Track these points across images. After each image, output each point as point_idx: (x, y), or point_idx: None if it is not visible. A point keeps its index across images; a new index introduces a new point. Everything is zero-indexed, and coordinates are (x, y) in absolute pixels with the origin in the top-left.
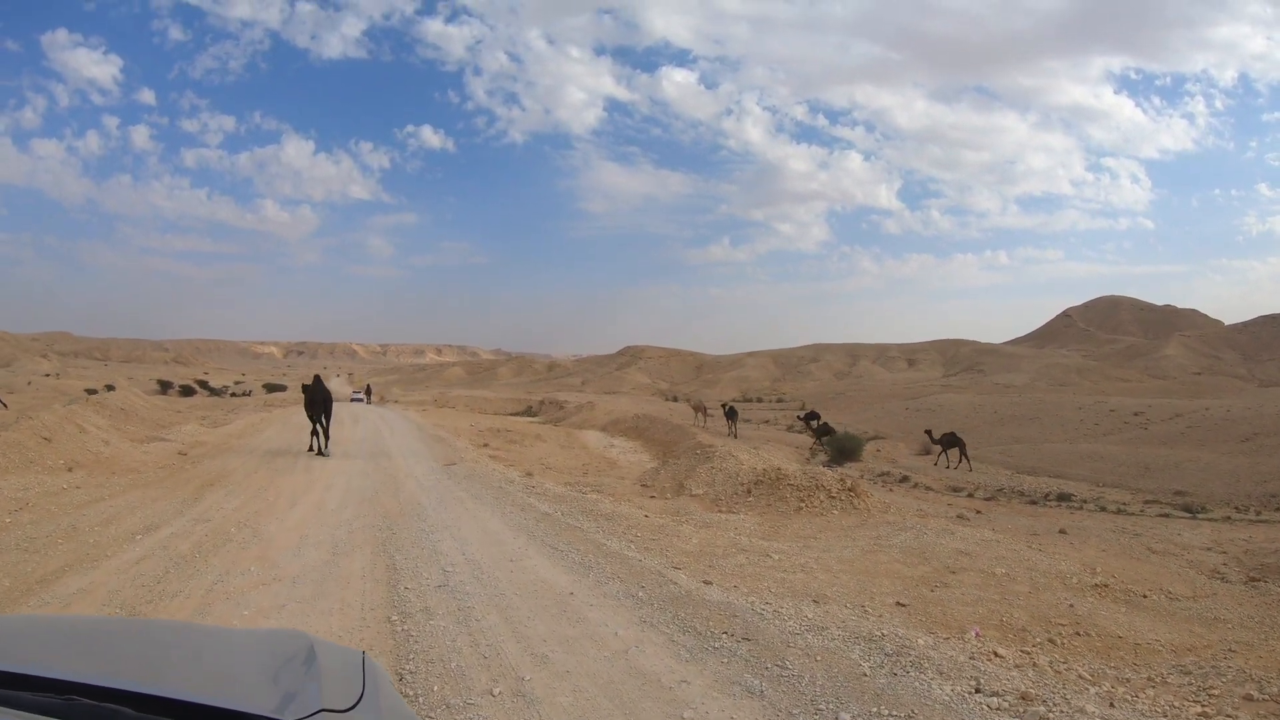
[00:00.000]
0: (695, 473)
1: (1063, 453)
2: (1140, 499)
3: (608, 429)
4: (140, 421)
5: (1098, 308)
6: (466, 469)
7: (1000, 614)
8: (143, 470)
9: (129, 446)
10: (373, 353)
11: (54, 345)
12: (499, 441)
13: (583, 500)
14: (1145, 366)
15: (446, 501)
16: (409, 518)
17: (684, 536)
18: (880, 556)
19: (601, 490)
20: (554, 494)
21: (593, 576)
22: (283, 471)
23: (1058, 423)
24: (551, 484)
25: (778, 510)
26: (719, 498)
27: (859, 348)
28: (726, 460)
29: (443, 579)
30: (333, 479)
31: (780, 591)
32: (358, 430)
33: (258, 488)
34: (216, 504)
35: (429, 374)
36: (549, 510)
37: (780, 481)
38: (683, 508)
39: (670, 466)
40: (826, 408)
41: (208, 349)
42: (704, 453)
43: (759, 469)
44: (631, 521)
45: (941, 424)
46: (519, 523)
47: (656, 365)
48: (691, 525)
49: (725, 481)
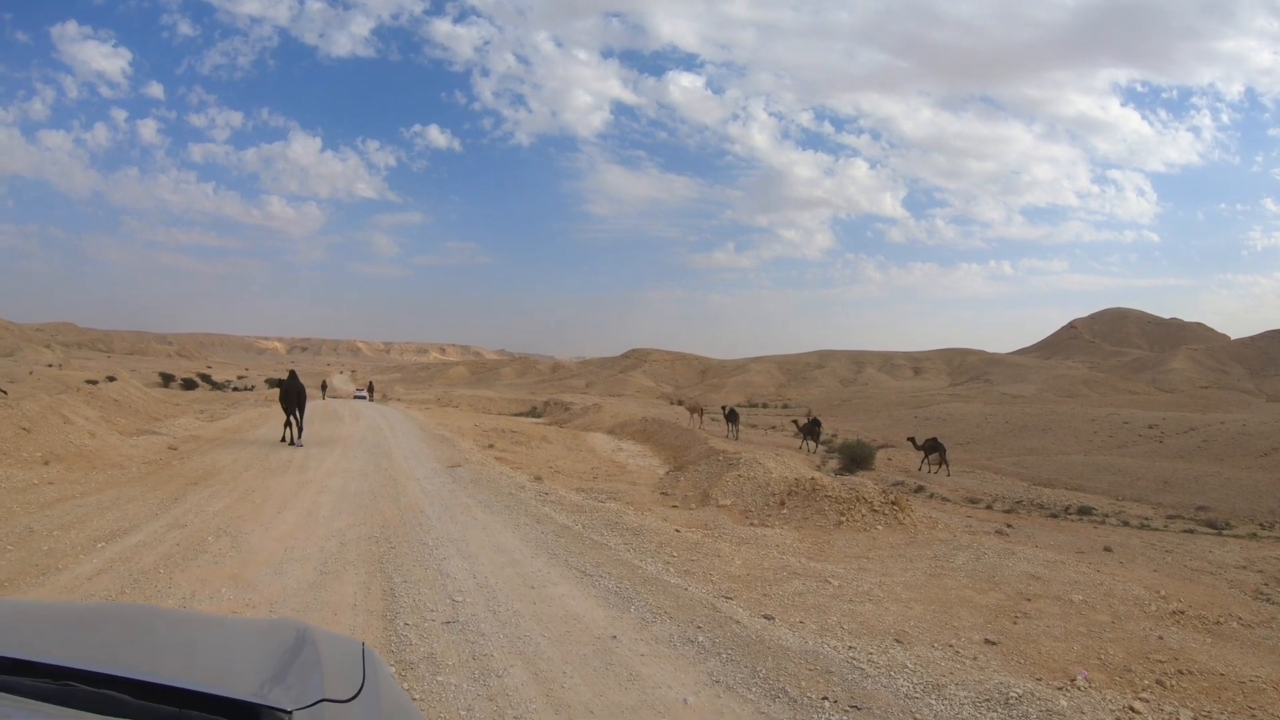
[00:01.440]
0: (720, 481)
1: (1079, 465)
2: (1162, 514)
3: (615, 432)
4: (134, 414)
5: (1104, 320)
6: (472, 472)
7: (1095, 651)
8: (126, 465)
9: (116, 439)
10: (376, 350)
11: (58, 336)
12: (504, 443)
13: (602, 510)
14: (1152, 379)
15: (452, 509)
16: (410, 528)
17: (724, 556)
18: (946, 581)
19: (619, 498)
20: (570, 503)
21: (634, 611)
22: (275, 470)
23: (1071, 434)
24: (564, 490)
25: (816, 524)
26: (749, 509)
27: (864, 355)
28: (753, 468)
29: (451, 612)
30: (328, 480)
31: (855, 628)
32: (358, 428)
33: (246, 488)
34: (197, 506)
35: (432, 373)
36: (568, 522)
37: (817, 493)
38: (711, 520)
39: (690, 473)
40: (832, 415)
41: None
42: (727, 459)
43: (790, 478)
44: (662, 537)
45: (953, 434)
46: (536, 537)
47: (661, 369)
48: (728, 542)
49: (754, 491)
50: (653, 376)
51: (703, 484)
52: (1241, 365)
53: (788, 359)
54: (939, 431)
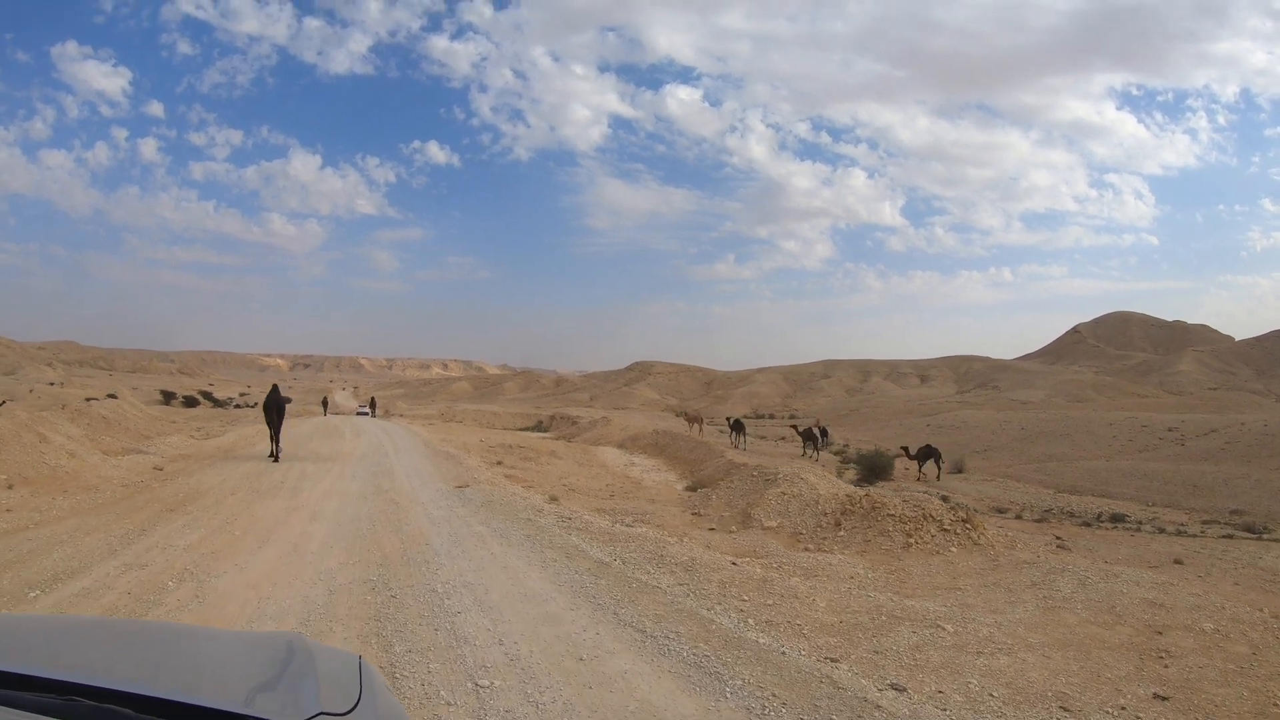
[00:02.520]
0: (762, 500)
1: (1102, 470)
2: (1197, 519)
3: (625, 446)
4: (124, 432)
5: (1108, 324)
6: (482, 493)
7: (1264, 696)
8: (102, 488)
9: (98, 459)
10: (379, 366)
11: (60, 354)
12: (513, 459)
13: (638, 539)
14: (1160, 382)
15: (463, 540)
16: (415, 567)
17: (802, 597)
18: (1065, 616)
19: (648, 520)
20: (598, 530)
21: (732, 696)
22: (265, 493)
23: (1090, 439)
24: (586, 513)
25: (881, 548)
26: (799, 531)
27: (870, 364)
28: (796, 484)
29: (476, 702)
30: (322, 505)
31: (1005, 694)
32: (359, 444)
33: (228, 515)
34: (166, 539)
35: (435, 388)
36: (603, 556)
37: (877, 511)
38: (760, 546)
39: (722, 491)
40: (840, 424)
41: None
42: (763, 474)
43: (841, 495)
44: (721, 574)
45: (968, 441)
46: (570, 578)
47: (666, 381)
48: (795, 574)
49: (802, 511)
50: (657, 389)
51: (738, 502)
52: (1248, 366)
53: (792, 369)
54: (954, 440)
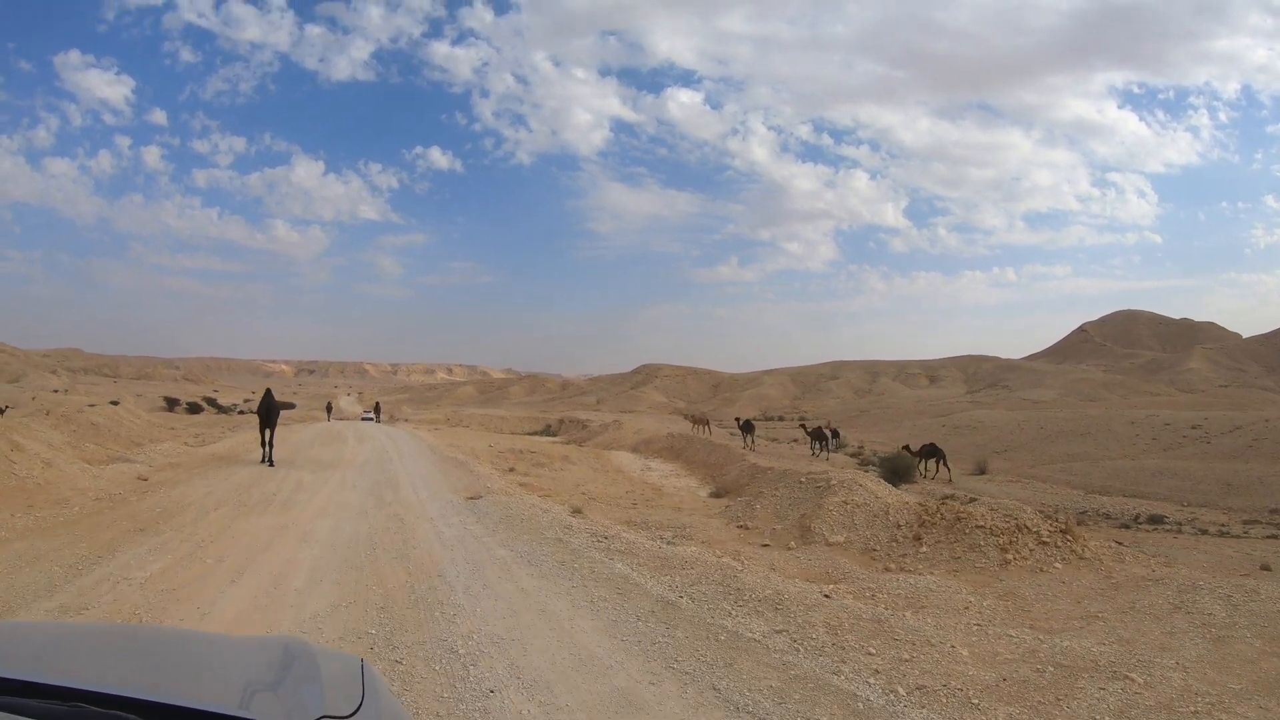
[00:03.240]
0: (821, 511)
1: (1130, 470)
2: (1236, 519)
3: (639, 450)
4: (114, 439)
5: (1114, 322)
6: (498, 505)
7: None
8: (73, 502)
9: (78, 469)
10: (383, 372)
11: (65, 361)
12: (525, 465)
13: (693, 562)
14: (1170, 380)
15: (484, 570)
16: (426, 611)
17: (936, 643)
18: (1240, 649)
19: (687, 533)
20: (644, 552)
21: None
22: (253, 508)
23: (1113, 438)
24: (621, 528)
25: (975, 566)
26: (872, 547)
27: (878, 364)
28: (856, 492)
29: None
30: (315, 523)
31: None
32: (362, 451)
33: (205, 536)
34: (125, 568)
35: (440, 393)
36: (663, 591)
37: (963, 522)
38: (834, 566)
39: (767, 500)
40: (852, 426)
41: (219, 367)
42: (813, 481)
43: (914, 504)
44: (823, 613)
45: (987, 442)
46: (633, 629)
47: (672, 384)
48: (903, 607)
49: (870, 522)
50: (664, 392)
51: (789, 513)
52: (1258, 363)
53: (800, 371)
54: (971, 440)
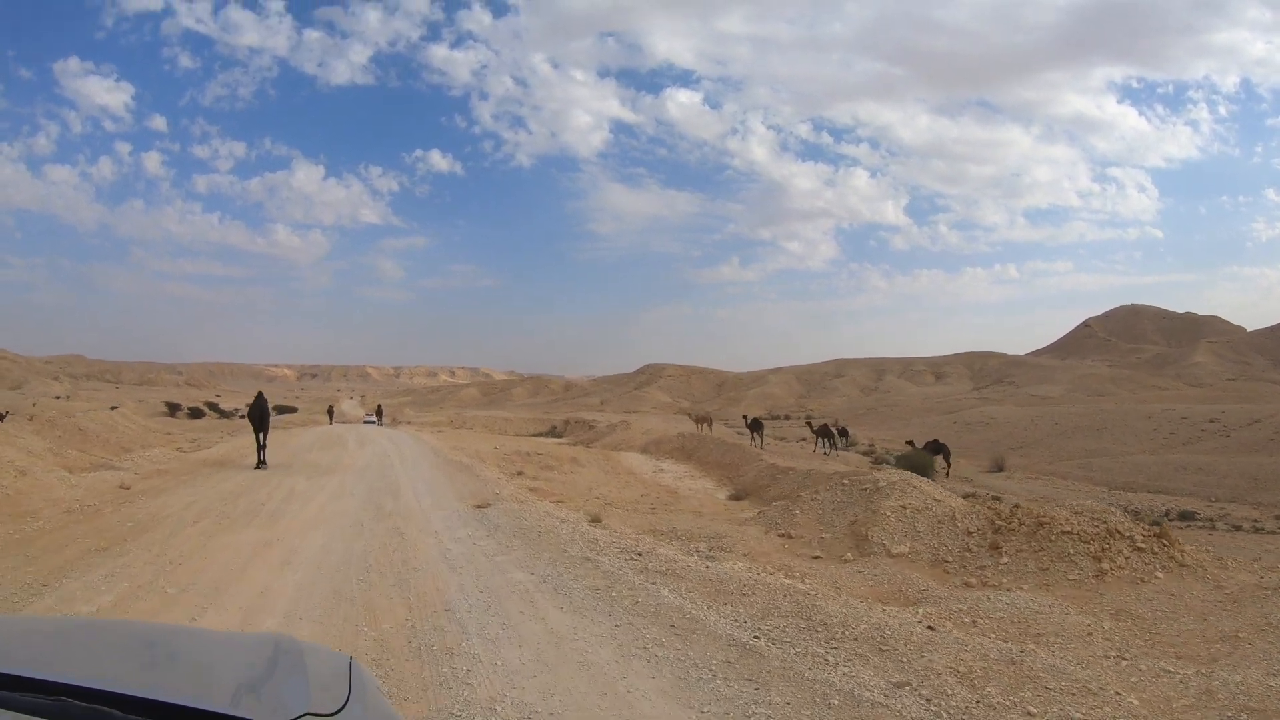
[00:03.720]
0: (877, 517)
1: (1151, 465)
2: (1269, 514)
3: (649, 450)
4: (102, 445)
5: (1118, 317)
6: (509, 515)
7: None
8: (43, 514)
9: (55, 478)
10: (386, 375)
11: (67, 368)
12: (533, 468)
13: (754, 586)
14: (1177, 374)
15: (500, 601)
16: (433, 666)
17: (1095, 690)
18: None
19: (729, 547)
20: (690, 573)
21: None
22: (236, 521)
23: (1130, 433)
24: (648, 539)
25: (1068, 579)
26: (943, 558)
27: (883, 362)
28: (911, 494)
29: None
30: (303, 539)
31: None
32: (362, 455)
33: (175, 557)
34: (69, 599)
35: (443, 395)
36: (733, 631)
37: (1045, 528)
38: (907, 583)
39: (806, 505)
40: (859, 424)
41: (221, 372)
42: (856, 483)
43: (985, 509)
44: (942, 654)
45: (1001, 438)
46: (711, 689)
47: (676, 383)
48: (1025, 638)
49: (936, 529)
50: (669, 392)
51: (836, 519)
52: (1263, 356)
53: (805, 369)
54: (984, 437)
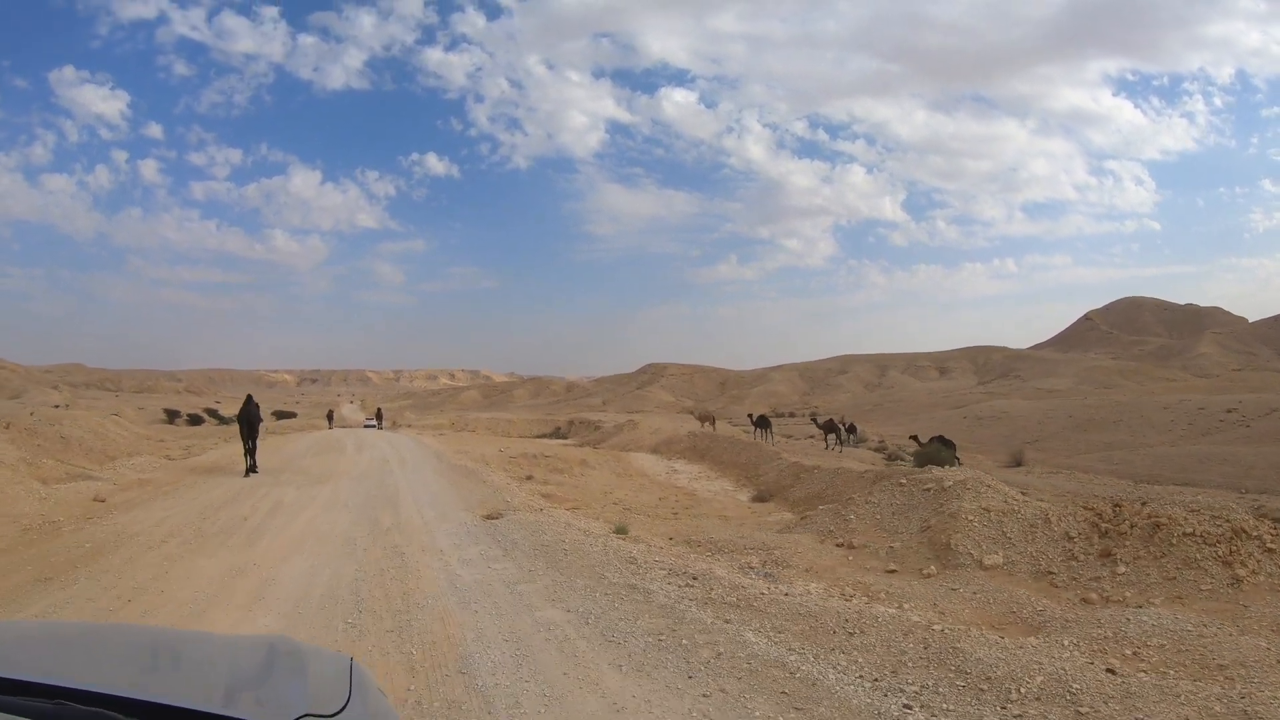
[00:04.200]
0: (956, 522)
1: (1175, 457)
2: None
3: (660, 450)
4: (86, 454)
5: (1119, 309)
6: (525, 527)
7: None
8: (0, 532)
9: (25, 490)
10: (386, 379)
11: (66, 377)
12: (542, 471)
13: (860, 621)
14: (1183, 365)
15: (533, 654)
16: None
17: None
18: None
19: (783, 560)
20: (766, 604)
21: None
22: (210, 540)
23: (1147, 425)
24: (693, 554)
25: (1198, 588)
26: (1046, 569)
27: (887, 358)
28: (984, 495)
29: None
30: (281, 567)
31: None
32: (360, 460)
33: (127, 589)
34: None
35: (443, 398)
36: (873, 700)
37: (1164, 529)
38: (1017, 602)
39: (860, 509)
40: (866, 420)
41: (221, 378)
42: (918, 482)
43: (1085, 510)
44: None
45: (1014, 433)
46: None
47: (679, 383)
48: (1218, 676)
49: (1028, 535)
50: (672, 391)
51: (898, 525)
52: (1268, 346)
53: (808, 366)
54: (996, 431)
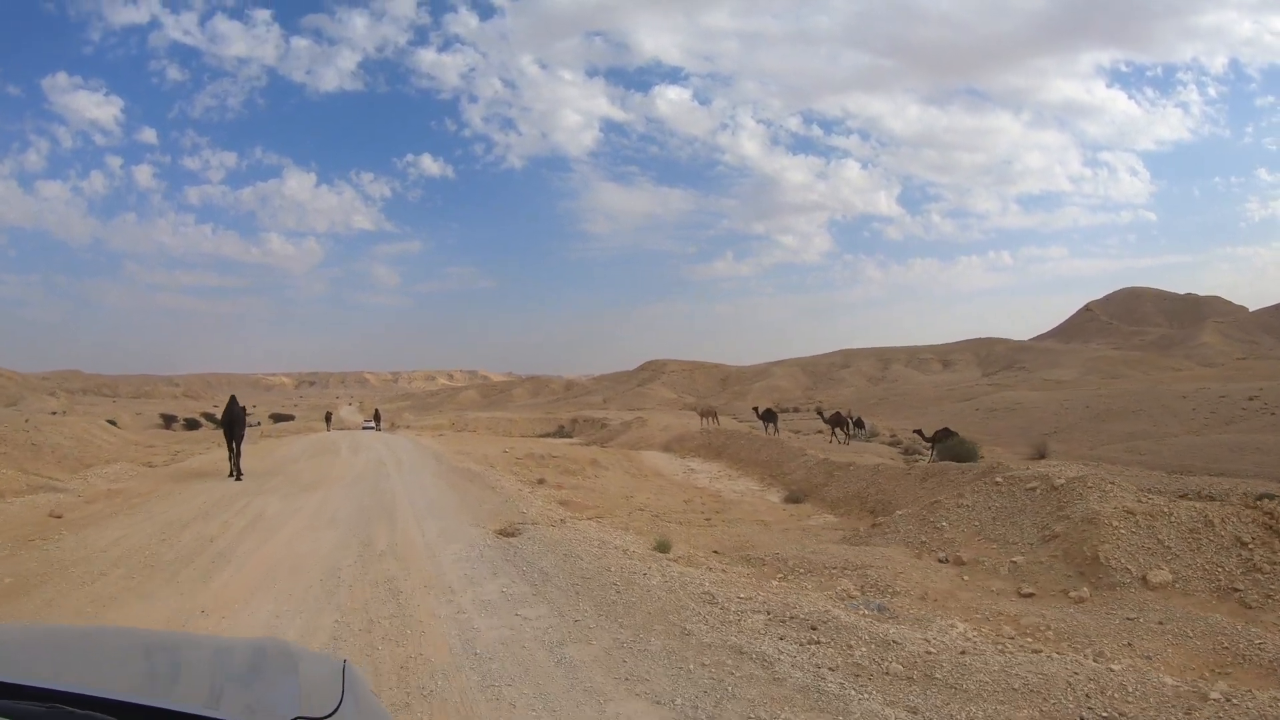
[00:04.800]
0: (1098, 530)
1: (1203, 446)
2: None
3: (672, 449)
4: (58, 461)
5: (1118, 300)
6: (551, 548)
7: None
8: None
9: None
10: (384, 380)
11: (64, 383)
12: (553, 473)
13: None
14: (1186, 354)
15: None
16: None
17: None
18: None
19: (890, 587)
20: (952, 678)
21: None
22: (159, 572)
23: (1168, 414)
24: (766, 579)
25: None
26: (1227, 584)
27: (889, 351)
28: (1114, 495)
29: None
30: (236, 614)
31: None
32: (355, 464)
33: None
34: None
35: (442, 398)
36: None
37: None
38: (1230, 635)
39: (950, 514)
40: (873, 414)
41: (219, 382)
42: (1019, 483)
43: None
44: None
45: (1032, 424)
46: None
47: (680, 379)
48: None
49: (1191, 543)
50: (673, 387)
51: (1009, 534)
52: (1270, 335)
53: (810, 361)
54: (1011, 423)
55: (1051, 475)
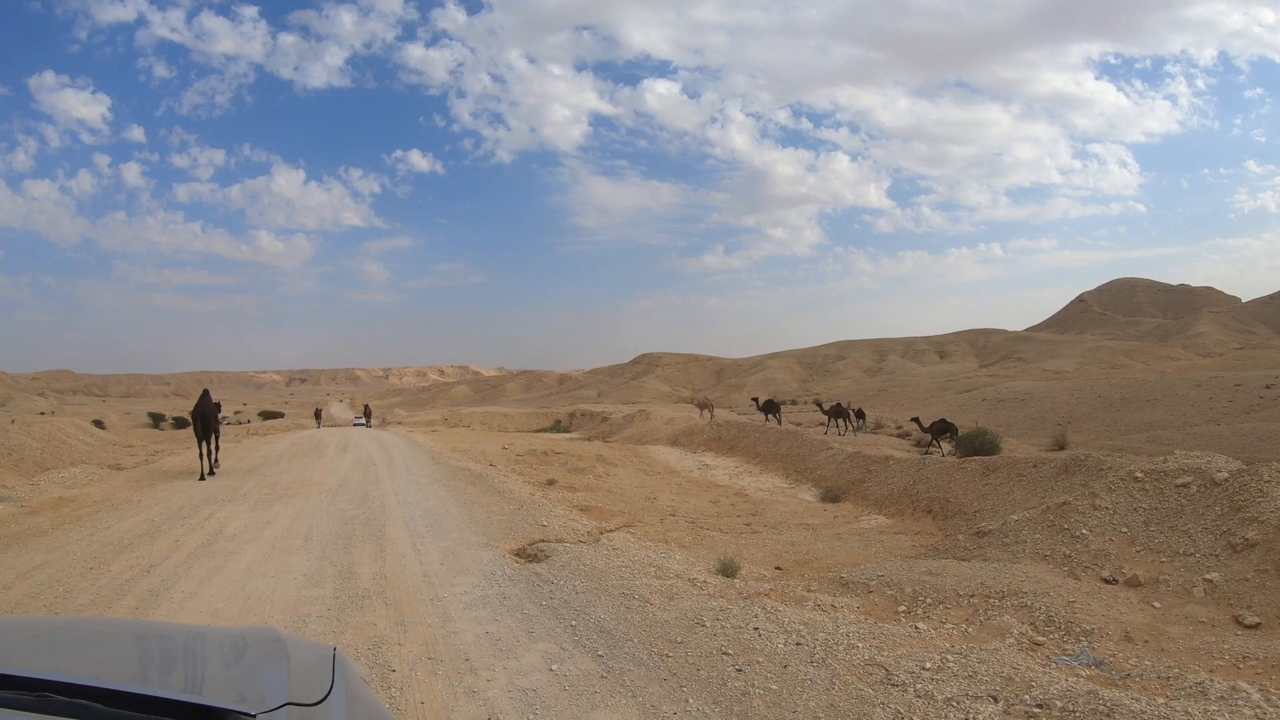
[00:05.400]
0: None
1: (1227, 436)
2: None
3: (681, 443)
4: (13, 465)
5: (1112, 291)
6: (592, 580)
7: None
8: None
9: None
10: (375, 377)
11: (53, 384)
12: (562, 473)
13: None
14: (1184, 344)
15: None
16: None
17: None
18: None
19: (1070, 624)
20: None
21: None
22: (89, 605)
23: (1184, 403)
24: (949, 638)
25: None
26: None
27: (885, 343)
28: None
29: None
30: None
31: None
32: (341, 465)
33: None
34: None
35: (434, 394)
36: None
37: None
38: None
39: (1098, 521)
40: (873, 406)
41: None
42: (1166, 478)
43: None
44: None
45: (1041, 414)
46: None
47: (674, 372)
48: None
49: None
50: (667, 381)
51: (1178, 544)
52: (1265, 325)
53: (805, 353)
54: (1020, 414)
55: (1207, 469)
